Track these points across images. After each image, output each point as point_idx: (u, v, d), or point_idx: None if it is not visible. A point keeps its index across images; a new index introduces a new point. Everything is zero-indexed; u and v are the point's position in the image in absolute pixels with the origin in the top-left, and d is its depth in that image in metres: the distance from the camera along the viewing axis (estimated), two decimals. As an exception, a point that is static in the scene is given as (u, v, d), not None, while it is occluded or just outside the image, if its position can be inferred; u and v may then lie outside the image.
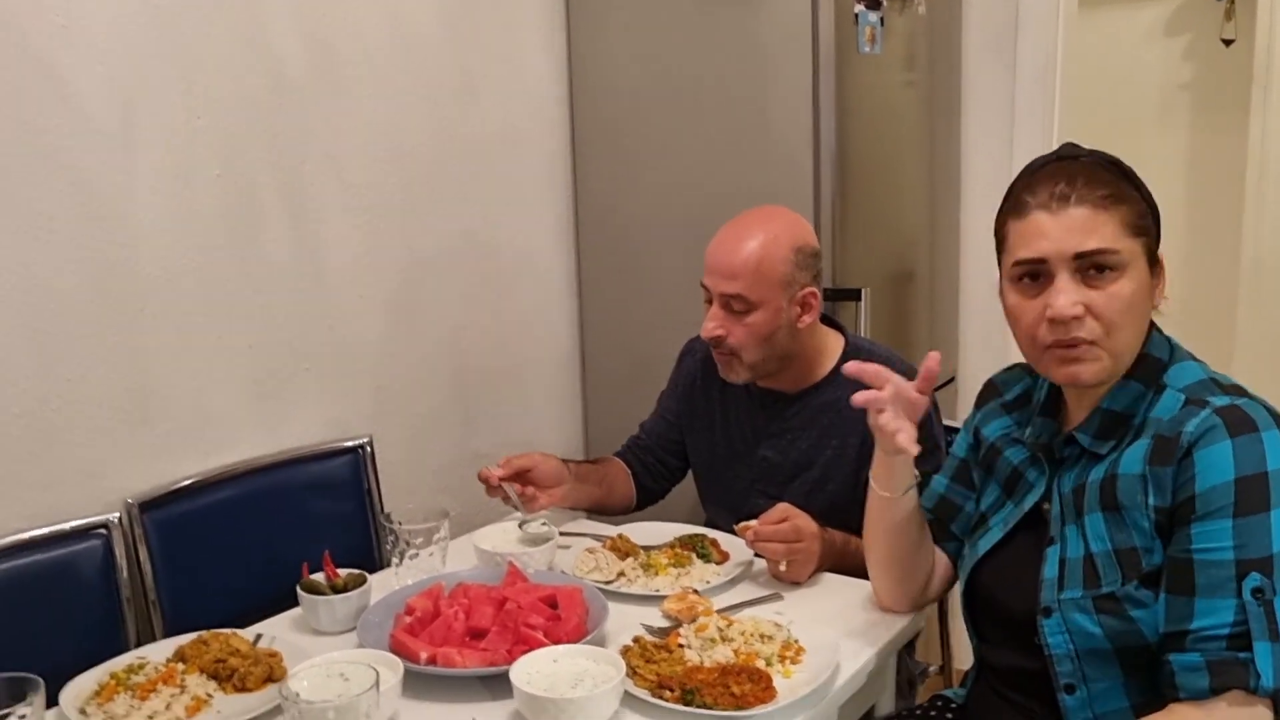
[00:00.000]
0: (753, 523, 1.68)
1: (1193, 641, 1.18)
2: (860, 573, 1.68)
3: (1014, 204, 1.32)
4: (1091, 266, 1.26)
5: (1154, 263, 1.30)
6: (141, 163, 1.85)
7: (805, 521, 1.69)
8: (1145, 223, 1.29)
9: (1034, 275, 1.29)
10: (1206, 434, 1.21)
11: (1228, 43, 3.96)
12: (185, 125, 1.91)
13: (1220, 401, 1.23)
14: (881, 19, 2.43)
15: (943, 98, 2.85)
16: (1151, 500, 1.24)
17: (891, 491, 1.50)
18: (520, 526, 1.87)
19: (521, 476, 1.86)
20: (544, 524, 1.87)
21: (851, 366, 1.46)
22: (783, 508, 1.69)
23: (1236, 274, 3.97)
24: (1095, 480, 1.31)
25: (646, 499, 2.14)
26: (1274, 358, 3.96)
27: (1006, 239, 1.33)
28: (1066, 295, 1.26)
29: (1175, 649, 1.20)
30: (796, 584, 1.72)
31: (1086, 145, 1.36)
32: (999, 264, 1.37)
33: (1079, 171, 1.29)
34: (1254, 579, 1.16)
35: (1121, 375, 1.31)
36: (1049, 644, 1.30)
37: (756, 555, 1.76)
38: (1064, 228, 1.26)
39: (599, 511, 2.11)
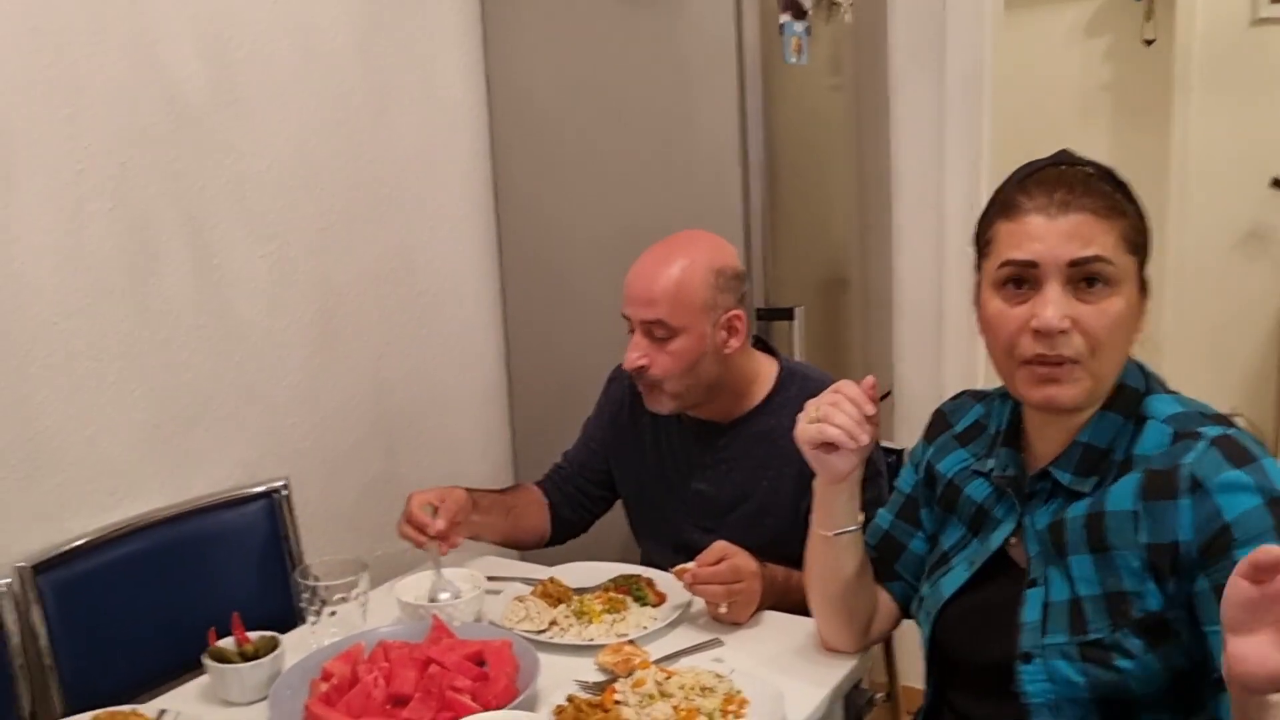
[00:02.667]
0: (690, 565, 1.61)
1: None
2: (803, 608, 1.61)
3: (1005, 206, 1.24)
4: (1084, 278, 1.19)
5: (1143, 284, 1.24)
6: (23, 197, 1.72)
7: (744, 560, 1.62)
8: (1140, 240, 1.23)
9: (1021, 281, 1.21)
10: (1211, 465, 1.16)
11: (1148, 43, 3.99)
12: (70, 156, 1.78)
13: (1213, 432, 1.19)
14: (808, 29, 2.38)
15: (870, 106, 2.81)
16: (1143, 538, 1.19)
17: (831, 530, 1.44)
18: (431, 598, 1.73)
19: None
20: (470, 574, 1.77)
21: None
22: (720, 546, 1.62)
23: (1161, 274, 3.99)
24: (1077, 518, 1.24)
25: (565, 531, 2.04)
26: (1200, 357, 4.01)
27: (993, 241, 1.25)
28: (1055, 306, 1.18)
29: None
30: (737, 625, 1.65)
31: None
32: (978, 269, 1.29)
33: (1078, 179, 1.22)
34: None
35: (1099, 405, 1.25)
36: (1027, 692, 1.24)
37: (695, 596, 1.68)
38: (1061, 233, 1.19)
39: (507, 545, 2.01)
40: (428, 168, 2.43)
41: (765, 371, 1.87)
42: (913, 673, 1.55)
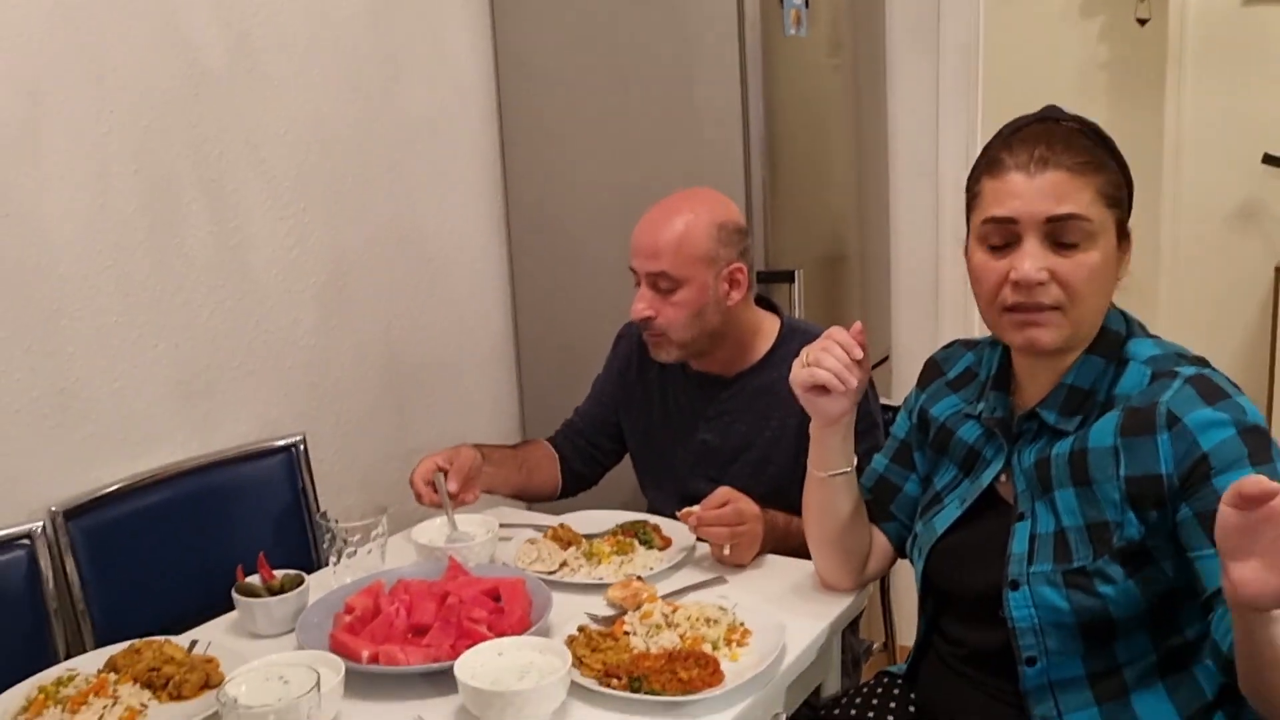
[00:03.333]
0: (695, 508, 1.68)
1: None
2: (803, 552, 1.69)
3: (990, 162, 1.31)
4: (1061, 232, 1.25)
5: (1123, 236, 1.31)
6: (52, 159, 1.79)
7: (747, 504, 1.69)
8: (1119, 194, 1.29)
9: (1002, 235, 1.28)
10: (1186, 401, 1.22)
11: (1142, 22, 4.04)
12: (97, 119, 1.84)
13: (1189, 371, 1.25)
14: (806, 2, 2.44)
15: (868, 78, 2.87)
16: (1123, 471, 1.25)
17: (825, 470, 1.51)
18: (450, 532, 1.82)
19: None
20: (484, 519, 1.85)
21: None
22: (724, 491, 1.69)
23: (1156, 251, 4.07)
24: (1062, 454, 1.31)
25: (576, 484, 2.12)
26: (1195, 330, 4.06)
27: (979, 196, 1.32)
28: (1033, 260, 1.25)
29: (1213, 607, 1.18)
30: (740, 567, 1.72)
31: (1008, 121, 1.37)
32: (967, 222, 1.36)
33: (1060, 136, 1.28)
34: None
35: (1082, 348, 1.32)
36: (1014, 617, 1.31)
37: (700, 540, 1.75)
38: (1038, 190, 1.25)
39: (520, 497, 2.08)
40: (438, 134, 2.49)
41: (768, 327, 1.94)
42: (909, 632, 1.62)
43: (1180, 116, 4.09)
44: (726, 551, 1.69)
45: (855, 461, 1.53)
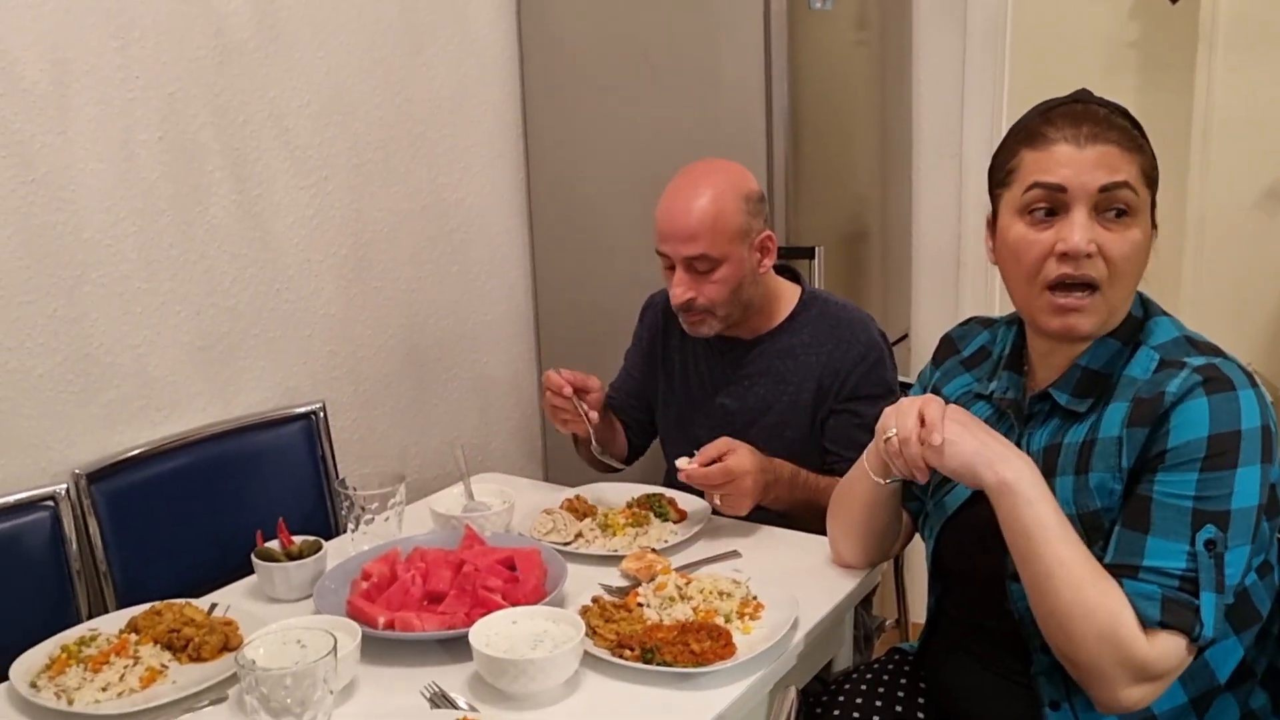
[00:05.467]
0: (686, 463, 1.69)
1: (1145, 573, 1.19)
2: (811, 504, 1.70)
3: (1030, 134, 1.28)
4: (1110, 205, 1.24)
5: (1154, 218, 1.29)
6: (77, 125, 1.80)
7: (740, 459, 1.69)
8: (1155, 175, 1.28)
9: (1048, 206, 1.25)
10: (1187, 393, 1.21)
11: (1174, 0, 3.98)
12: (122, 86, 1.85)
13: (1198, 361, 1.23)
14: (832, -25, 2.42)
15: (894, 55, 2.85)
16: (1125, 462, 1.25)
17: (885, 478, 1.46)
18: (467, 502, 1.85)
19: (580, 394, 1.87)
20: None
21: None
22: (723, 441, 1.70)
23: (1183, 232, 4.02)
24: (1074, 444, 1.30)
25: (631, 455, 2.14)
26: (1220, 315, 4.03)
27: (1017, 170, 1.29)
28: (1082, 230, 1.22)
29: (1127, 577, 1.20)
30: (738, 517, 1.75)
31: (1036, 101, 1.35)
32: (995, 200, 1.33)
33: (1102, 116, 1.27)
34: (1209, 530, 1.18)
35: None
36: (1017, 609, 1.31)
37: (714, 513, 1.77)
38: (1091, 160, 1.23)
39: (605, 460, 2.03)
40: (460, 108, 2.49)
41: (787, 293, 1.94)
42: (922, 608, 1.62)
43: (1210, 97, 4.03)
44: (717, 501, 1.70)
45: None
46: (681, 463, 1.70)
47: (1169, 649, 1.18)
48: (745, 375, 1.93)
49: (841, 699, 1.55)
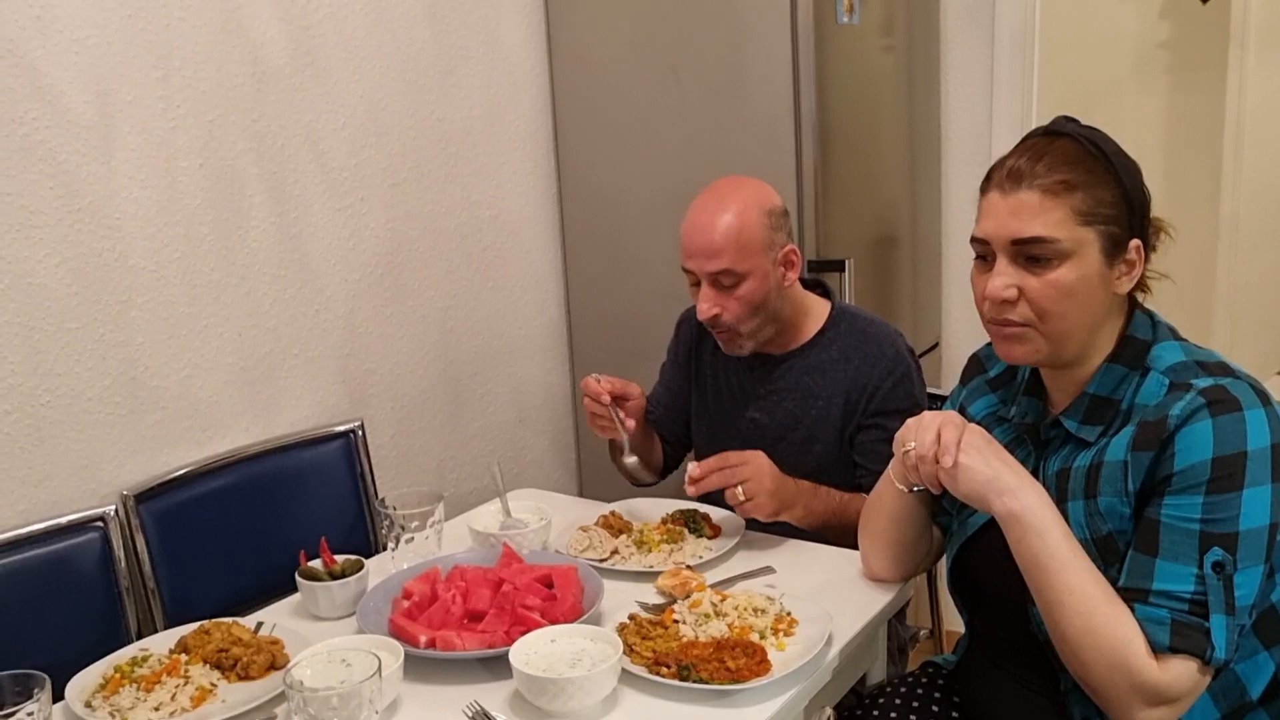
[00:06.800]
0: (694, 468, 1.72)
1: (1155, 598, 1.20)
2: (838, 517, 1.73)
3: (987, 177, 1.34)
4: (1029, 252, 1.27)
5: (1116, 251, 1.29)
6: (121, 153, 1.85)
7: (740, 455, 1.72)
8: (1104, 211, 1.28)
9: (981, 252, 1.33)
10: (1192, 415, 1.22)
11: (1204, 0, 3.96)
12: (164, 114, 1.90)
13: (1204, 383, 1.24)
14: (859, -12, 2.43)
15: (922, 65, 2.86)
16: (1132, 486, 1.26)
17: (906, 484, 1.48)
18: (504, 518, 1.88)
19: (619, 402, 1.90)
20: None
21: None
22: (725, 455, 1.73)
23: (1215, 232, 4.00)
24: (1082, 467, 1.32)
25: (668, 468, 2.17)
26: (1254, 316, 4.00)
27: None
28: (1001, 278, 1.29)
29: (1138, 601, 1.21)
30: (770, 530, 1.77)
31: (1067, 107, 1.36)
32: None
33: (1047, 152, 1.29)
34: (1216, 553, 1.19)
35: (1105, 358, 1.32)
36: (1040, 630, 1.32)
37: (747, 529, 1.79)
38: (1008, 211, 1.28)
39: (644, 472, 2.06)
40: (492, 126, 2.53)
41: (817, 308, 1.96)
42: (956, 619, 1.63)
43: (1242, 95, 4.01)
44: (740, 495, 1.70)
45: None
46: (691, 469, 1.72)
47: (1181, 673, 1.19)
48: (775, 390, 1.95)
49: (876, 713, 1.57)
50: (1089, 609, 1.22)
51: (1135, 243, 1.30)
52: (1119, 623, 1.21)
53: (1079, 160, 1.28)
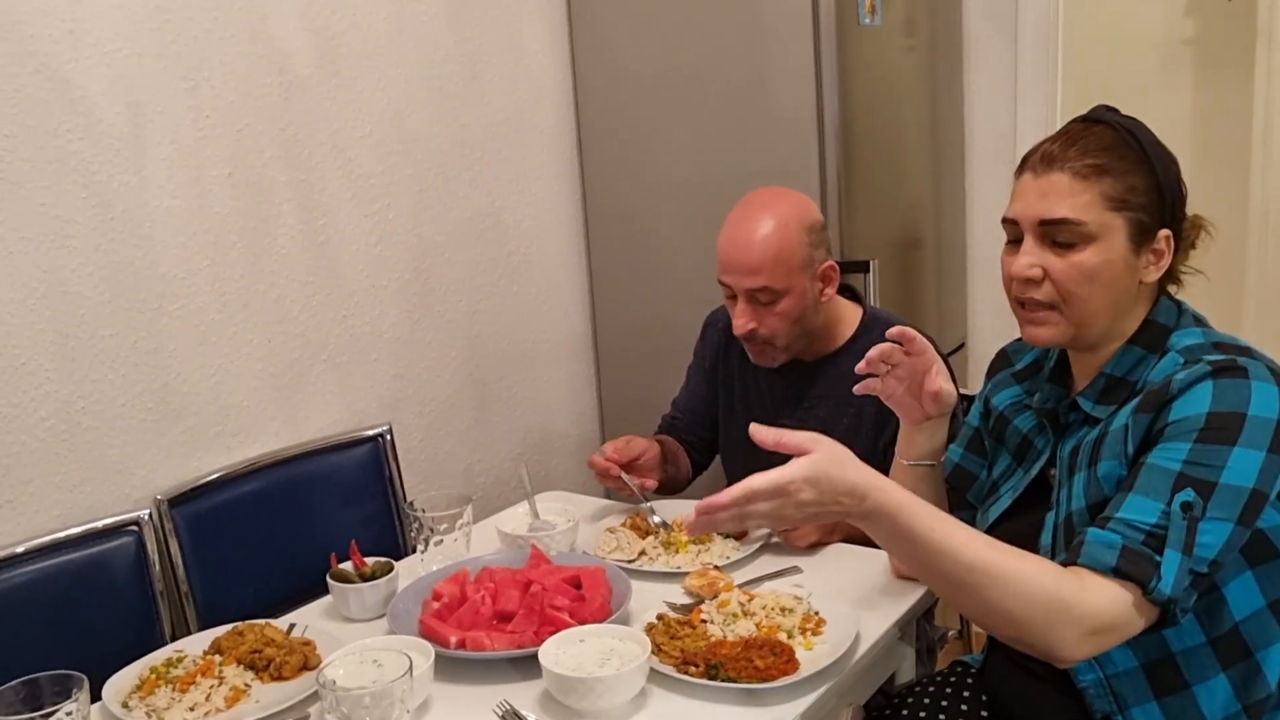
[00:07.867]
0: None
1: (1114, 524, 1.20)
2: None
3: (1022, 160, 1.35)
4: (1054, 234, 1.29)
5: (1144, 239, 1.30)
6: (152, 163, 1.88)
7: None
8: (1134, 198, 1.29)
9: (1011, 234, 1.35)
10: (1194, 380, 1.22)
11: (1230, -5, 3.93)
12: (194, 124, 1.93)
13: (1216, 356, 1.24)
14: (881, -11, 2.44)
15: (945, 65, 2.85)
16: (1130, 449, 1.26)
17: (908, 459, 1.53)
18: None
19: (631, 465, 1.90)
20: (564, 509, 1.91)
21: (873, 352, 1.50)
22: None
23: (1245, 228, 3.96)
24: (1089, 440, 1.33)
25: (696, 472, 2.17)
26: (1283, 311, 3.96)
27: None
28: (1026, 257, 1.31)
29: (1096, 525, 1.21)
30: (810, 549, 1.76)
31: (1092, 105, 1.37)
32: None
33: (1082, 137, 1.30)
34: (1188, 494, 1.17)
35: (1125, 340, 1.33)
36: None
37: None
38: (1038, 193, 1.30)
39: (665, 489, 2.07)
40: (516, 132, 2.55)
41: (849, 315, 1.96)
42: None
43: (1270, 91, 3.96)
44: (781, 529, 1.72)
45: (943, 458, 1.55)
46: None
47: (1116, 598, 1.16)
48: (807, 397, 1.95)
49: (905, 712, 1.57)
50: (995, 572, 1.17)
51: (1165, 233, 1.31)
52: (1025, 561, 1.18)
53: (1113, 147, 1.29)
